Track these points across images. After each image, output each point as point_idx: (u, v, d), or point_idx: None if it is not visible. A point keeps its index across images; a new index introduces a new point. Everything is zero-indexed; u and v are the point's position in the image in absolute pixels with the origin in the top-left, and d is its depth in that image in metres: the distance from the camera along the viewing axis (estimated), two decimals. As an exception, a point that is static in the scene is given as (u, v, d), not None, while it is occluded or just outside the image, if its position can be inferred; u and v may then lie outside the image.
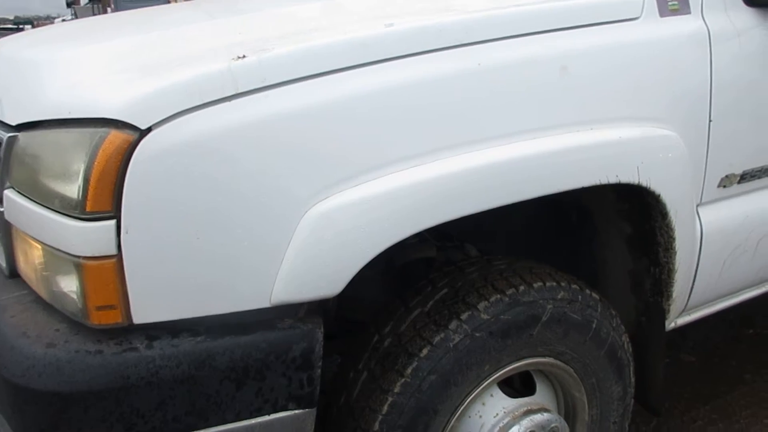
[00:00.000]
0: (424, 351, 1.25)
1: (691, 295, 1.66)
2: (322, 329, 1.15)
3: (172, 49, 1.24)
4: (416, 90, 1.17)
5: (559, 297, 1.37)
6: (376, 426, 1.24)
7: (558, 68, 1.29)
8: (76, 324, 1.11)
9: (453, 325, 1.26)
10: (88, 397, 1.03)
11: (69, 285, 1.08)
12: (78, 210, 1.02)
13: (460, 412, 1.33)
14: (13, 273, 1.30)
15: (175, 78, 1.04)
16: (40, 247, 1.13)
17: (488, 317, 1.28)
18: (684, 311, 1.71)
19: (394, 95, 1.15)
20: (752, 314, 2.71)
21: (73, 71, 1.19)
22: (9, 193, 1.20)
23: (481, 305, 1.29)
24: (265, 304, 1.11)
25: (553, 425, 1.41)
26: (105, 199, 1.01)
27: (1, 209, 1.24)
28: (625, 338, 1.54)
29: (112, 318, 1.06)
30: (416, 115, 1.16)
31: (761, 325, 2.69)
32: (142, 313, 1.06)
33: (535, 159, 1.23)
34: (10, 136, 1.19)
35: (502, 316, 1.30)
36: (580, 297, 1.41)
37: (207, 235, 1.05)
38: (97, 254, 1.03)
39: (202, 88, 1.03)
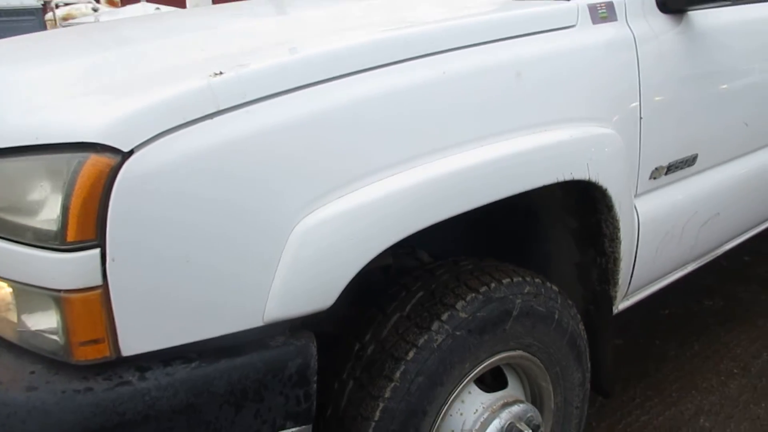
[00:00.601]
0: (410, 354, 1.27)
1: (632, 281, 1.79)
2: (315, 343, 1.14)
3: (139, 68, 1.19)
4: (387, 100, 1.19)
5: (525, 291, 1.44)
6: None
7: (514, 74, 1.36)
8: (53, 363, 1.03)
9: (435, 326, 1.29)
10: (77, 439, 0.96)
11: (46, 322, 1.01)
12: (57, 241, 0.96)
13: (444, 411, 1.36)
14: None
15: (155, 97, 1.00)
16: (3, 285, 1.05)
17: (466, 315, 1.32)
18: (625, 296, 1.84)
19: (367, 106, 1.17)
20: (665, 295, 2.94)
21: (35, 93, 1.12)
22: (-39, 230, 1.10)
23: (459, 304, 1.33)
24: (258, 323, 1.09)
25: (529, 414, 1.47)
26: (87, 227, 0.95)
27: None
28: (581, 326, 1.63)
29: (99, 352, 1.00)
30: (390, 125, 1.19)
31: (674, 305, 2.92)
32: (131, 345, 1.01)
33: (508, 160, 1.29)
34: (-43, 169, 1.10)
35: (478, 314, 1.34)
36: (542, 290, 1.49)
37: (197, 256, 1.02)
38: (80, 286, 0.97)
39: (184, 107, 1.00)
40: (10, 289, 1.07)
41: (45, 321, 1.02)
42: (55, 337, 1.01)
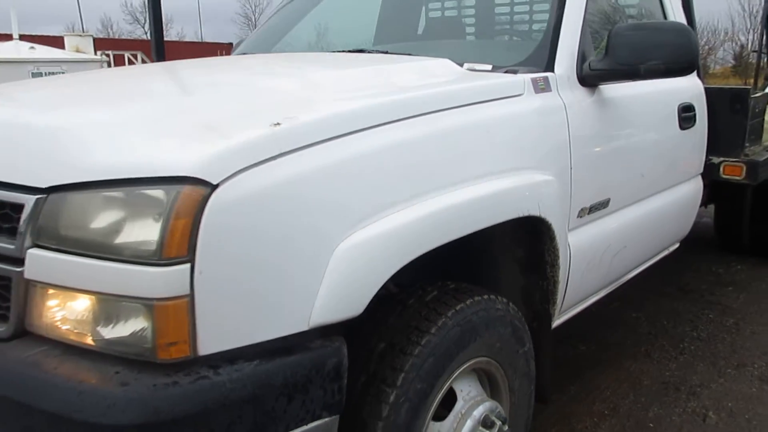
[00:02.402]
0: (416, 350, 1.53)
1: (564, 301, 2.17)
2: (345, 345, 1.38)
3: (207, 114, 1.41)
4: (394, 150, 1.49)
5: (498, 307, 1.76)
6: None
7: (484, 131, 1.72)
8: (133, 363, 1.21)
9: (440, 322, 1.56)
10: (173, 424, 1.15)
11: (134, 327, 1.19)
12: (156, 257, 1.16)
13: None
14: (18, 333, 1.33)
15: (233, 141, 1.24)
16: (92, 297, 1.22)
17: (454, 322, 1.61)
18: (559, 313, 2.21)
19: (381, 154, 1.46)
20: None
21: (119, 135, 1.31)
22: (37, 252, 1.26)
23: (449, 313, 1.61)
24: (304, 328, 1.32)
25: (498, 409, 1.77)
26: (182, 245, 1.16)
27: (17, 269, 1.29)
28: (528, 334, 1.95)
29: (181, 352, 1.20)
30: (397, 170, 1.48)
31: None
32: (207, 345, 1.21)
33: (486, 199, 1.62)
34: (39, 198, 1.26)
35: (467, 319, 1.64)
36: (501, 305, 1.81)
37: (262, 272, 1.25)
38: (171, 295, 1.17)
39: (255, 149, 1.25)
40: (90, 302, 1.24)
41: (133, 327, 1.19)
42: (143, 340, 1.19)
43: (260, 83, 1.79)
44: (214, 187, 1.18)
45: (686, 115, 2.79)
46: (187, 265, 1.17)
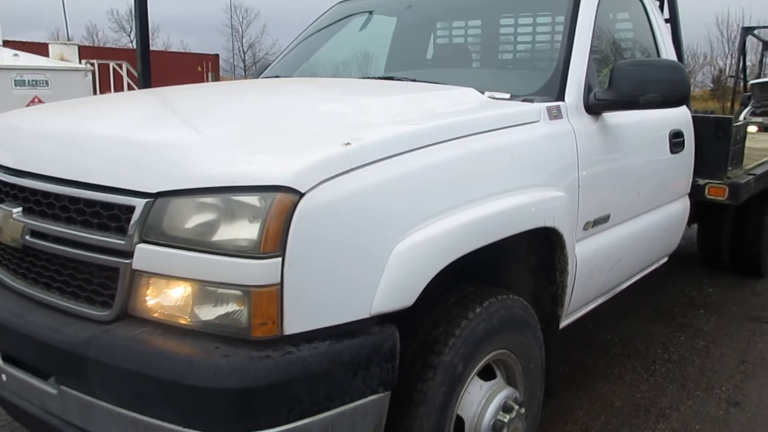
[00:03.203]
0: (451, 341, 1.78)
1: (570, 304, 2.43)
2: (398, 331, 1.63)
3: (286, 133, 1.68)
4: (438, 167, 1.76)
5: (519, 306, 2.02)
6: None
7: (509, 153, 1.99)
8: (228, 340, 1.45)
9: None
10: (266, 389, 1.39)
11: (233, 309, 1.44)
12: (255, 251, 1.40)
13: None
14: (121, 316, 1.56)
15: (314, 157, 1.50)
16: (193, 284, 1.46)
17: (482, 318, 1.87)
18: (566, 316, 2.48)
19: (428, 170, 1.72)
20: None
21: (217, 150, 1.56)
22: (145, 246, 1.50)
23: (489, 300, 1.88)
24: (366, 315, 1.56)
25: (515, 395, 2.02)
26: (275, 242, 1.41)
27: (126, 261, 1.53)
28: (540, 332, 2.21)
29: (270, 331, 1.44)
30: (441, 183, 1.75)
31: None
32: (291, 326, 1.46)
33: (514, 210, 1.90)
34: (148, 201, 1.51)
35: (496, 313, 1.90)
36: (521, 305, 2.07)
37: (336, 267, 1.50)
38: (266, 283, 1.41)
39: (332, 164, 1.51)
40: (190, 288, 1.48)
41: (231, 309, 1.44)
42: (239, 320, 1.43)
43: (320, 107, 2.05)
44: (302, 195, 1.44)
45: (676, 141, 3.10)
46: (279, 259, 1.42)
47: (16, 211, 1.77)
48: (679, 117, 3.18)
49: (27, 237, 1.73)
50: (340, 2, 3.61)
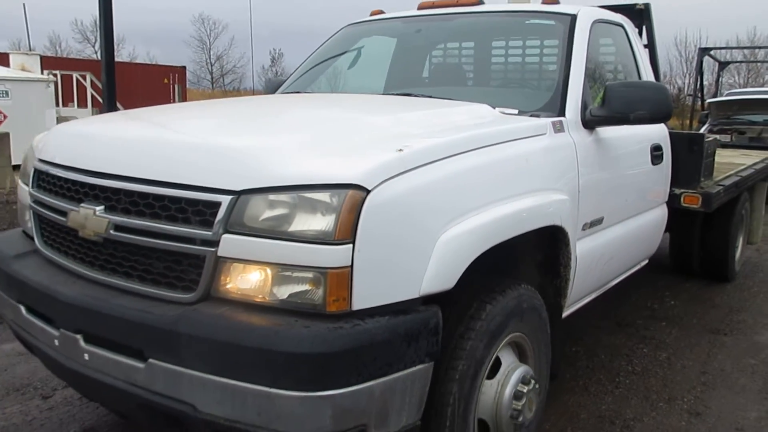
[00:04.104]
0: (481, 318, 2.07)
1: (570, 296, 2.74)
2: (440, 310, 1.90)
3: (348, 139, 1.97)
4: (470, 171, 2.05)
5: (531, 295, 2.32)
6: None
7: (525, 160, 2.30)
8: (304, 315, 1.71)
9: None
10: (341, 355, 1.65)
11: (310, 287, 1.70)
12: (330, 238, 1.67)
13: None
14: (204, 297, 1.81)
15: (376, 160, 1.78)
16: (274, 268, 1.72)
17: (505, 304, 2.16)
18: (567, 307, 2.78)
19: (462, 174, 2.02)
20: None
21: (292, 154, 1.82)
22: (230, 236, 1.75)
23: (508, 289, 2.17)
24: (416, 296, 1.84)
25: (530, 373, 2.31)
26: (347, 231, 1.68)
27: (211, 249, 1.78)
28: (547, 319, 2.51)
29: (341, 306, 1.70)
30: (473, 185, 2.04)
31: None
32: (358, 303, 1.72)
33: (531, 209, 2.20)
34: (233, 198, 1.76)
35: (513, 300, 2.19)
36: (535, 294, 2.37)
37: (393, 253, 1.77)
38: (339, 265, 1.68)
39: (390, 167, 1.79)
40: (270, 271, 1.74)
41: (308, 287, 1.70)
42: (315, 297, 1.69)
43: (364, 119, 2.33)
44: (368, 192, 1.71)
45: (656, 153, 3.46)
46: (350, 245, 1.69)
47: (99, 209, 2.00)
48: (658, 132, 3.55)
49: (111, 231, 1.96)
50: (349, 24, 3.91)
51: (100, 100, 11.93)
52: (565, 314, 2.81)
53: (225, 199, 1.77)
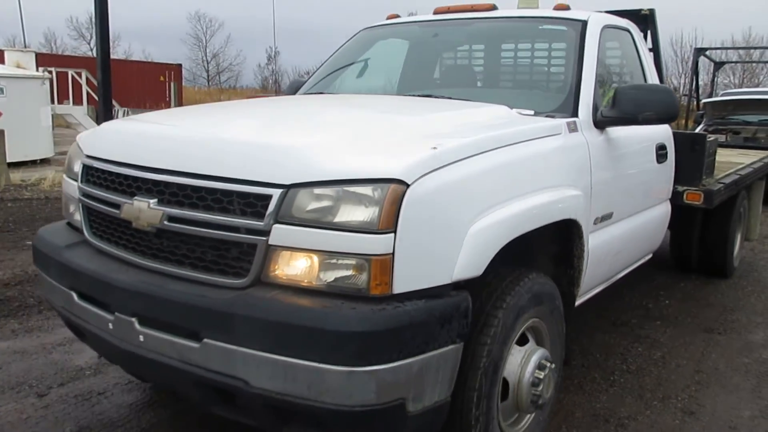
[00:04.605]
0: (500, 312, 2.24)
1: (582, 286, 2.92)
2: (470, 295, 2.07)
3: (387, 138, 2.14)
4: (497, 168, 2.22)
5: (548, 284, 2.49)
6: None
7: (544, 158, 2.47)
8: (349, 298, 1.87)
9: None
10: (384, 333, 1.82)
11: (355, 273, 1.86)
12: (375, 228, 1.84)
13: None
14: (254, 282, 1.97)
15: (414, 157, 1.94)
16: (321, 255, 1.88)
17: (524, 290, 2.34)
18: (579, 296, 2.96)
19: (490, 170, 2.19)
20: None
21: (337, 150, 1.99)
22: (281, 226, 1.92)
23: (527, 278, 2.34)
24: (449, 281, 2.01)
25: (547, 355, 2.48)
26: (390, 222, 1.85)
27: (263, 239, 1.94)
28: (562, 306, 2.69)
29: (384, 290, 1.87)
30: (500, 180, 2.22)
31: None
32: (398, 287, 1.89)
33: (550, 203, 2.37)
34: (283, 192, 1.92)
35: (533, 288, 2.36)
36: (551, 283, 2.54)
37: (430, 242, 1.94)
38: (382, 252, 1.85)
39: (427, 163, 1.96)
40: (317, 258, 1.90)
41: (353, 272, 1.86)
42: (360, 282, 1.86)
43: (395, 119, 2.50)
44: (408, 186, 1.88)
45: (661, 152, 3.64)
46: (392, 234, 1.85)
47: (153, 201, 2.16)
48: (663, 132, 3.73)
49: (165, 222, 2.12)
50: (366, 28, 4.08)
51: (96, 97, 11.84)
52: (577, 303, 2.98)
53: (276, 193, 1.94)
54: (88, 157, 2.54)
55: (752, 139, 9.70)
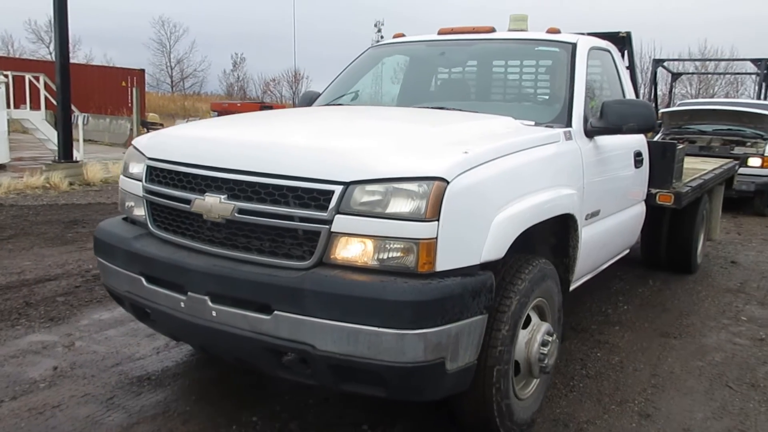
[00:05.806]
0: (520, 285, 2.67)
1: (575, 273, 3.37)
2: (493, 275, 2.50)
3: (426, 143, 2.55)
4: (513, 170, 2.66)
5: (550, 268, 2.94)
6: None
7: (548, 162, 2.92)
8: (401, 274, 2.28)
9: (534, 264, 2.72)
10: (430, 303, 2.23)
11: (405, 254, 2.27)
12: (422, 217, 2.25)
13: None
14: (317, 264, 2.37)
15: (453, 159, 2.37)
16: (376, 240, 2.29)
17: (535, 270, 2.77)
18: (573, 282, 3.42)
19: (507, 171, 2.62)
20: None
21: (388, 153, 2.40)
22: (342, 216, 2.32)
23: (534, 262, 2.78)
24: (478, 262, 2.43)
25: (550, 328, 2.93)
26: (434, 212, 2.26)
27: (326, 227, 2.34)
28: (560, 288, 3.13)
29: (430, 268, 2.28)
30: (515, 180, 2.65)
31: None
32: (440, 265, 2.30)
33: (553, 200, 2.82)
34: (344, 188, 2.32)
35: (539, 271, 2.80)
36: (552, 268, 2.99)
37: (464, 229, 2.36)
38: (428, 237, 2.26)
39: (462, 164, 2.38)
40: (372, 242, 2.30)
41: (404, 254, 2.27)
42: (410, 261, 2.27)
43: (424, 129, 2.93)
44: (448, 182, 2.30)
45: (638, 158, 4.15)
46: (436, 222, 2.27)
47: (223, 197, 2.54)
48: (639, 140, 4.24)
49: (236, 214, 2.50)
50: (374, 46, 4.50)
51: (54, 102, 11.72)
52: (571, 288, 3.44)
53: (337, 188, 2.33)
54: (152, 159, 2.90)
55: (707, 148, 10.03)
